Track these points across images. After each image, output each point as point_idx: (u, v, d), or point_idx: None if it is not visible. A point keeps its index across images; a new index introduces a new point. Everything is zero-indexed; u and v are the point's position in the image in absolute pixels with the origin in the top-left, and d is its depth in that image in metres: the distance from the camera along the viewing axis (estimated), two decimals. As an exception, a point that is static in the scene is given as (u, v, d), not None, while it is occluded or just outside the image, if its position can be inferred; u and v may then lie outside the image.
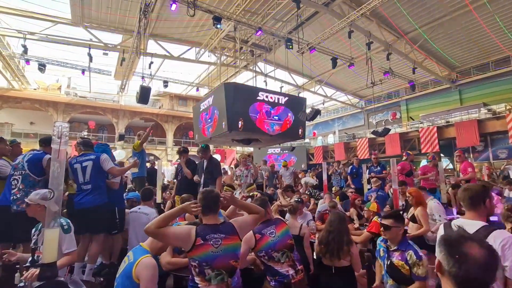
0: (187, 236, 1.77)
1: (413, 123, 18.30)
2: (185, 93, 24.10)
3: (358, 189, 6.85)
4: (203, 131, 10.39)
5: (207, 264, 1.72)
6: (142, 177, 4.82)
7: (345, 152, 19.85)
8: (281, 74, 17.63)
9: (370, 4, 9.62)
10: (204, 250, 1.74)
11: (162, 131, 24.89)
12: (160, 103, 25.68)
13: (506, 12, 11.18)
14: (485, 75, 15.28)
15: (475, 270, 0.84)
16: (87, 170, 3.16)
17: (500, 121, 13.24)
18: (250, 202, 2.51)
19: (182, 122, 25.17)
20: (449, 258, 0.89)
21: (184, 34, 13.54)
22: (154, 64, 13.92)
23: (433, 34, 12.87)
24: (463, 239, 0.91)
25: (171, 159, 22.27)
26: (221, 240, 1.79)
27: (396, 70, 14.73)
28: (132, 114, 23.33)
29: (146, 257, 1.80)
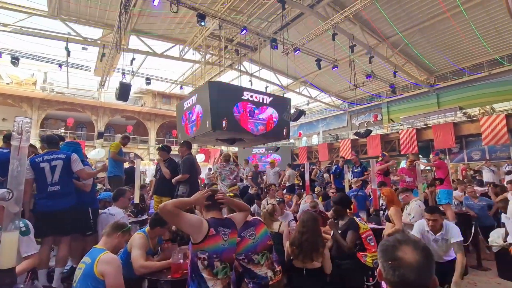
0: (201, 225, 1.75)
1: (394, 125, 18.86)
2: (169, 91, 23.65)
3: (340, 189, 6.93)
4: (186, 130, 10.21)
5: (217, 256, 1.73)
6: (119, 177, 4.62)
7: (329, 152, 20.15)
8: (266, 74, 17.64)
9: (353, 7, 9.80)
10: (215, 241, 1.75)
11: (145, 129, 24.29)
12: (142, 100, 25.03)
13: (480, 20, 11.73)
14: (461, 80, 15.99)
15: (409, 274, 0.81)
16: (56, 170, 2.97)
17: (474, 124, 13.87)
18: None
19: (165, 121, 24.67)
20: (385, 265, 0.86)
21: (167, 31, 13.25)
22: (136, 61, 13.56)
23: (413, 39, 13.31)
24: (398, 243, 0.88)
25: (153, 158, 21.76)
26: (228, 234, 1.84)
27: (378, 73, 15.12)
28: (113, 112, 22.59)
29: (105, 253, 1.79)
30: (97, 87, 20.82)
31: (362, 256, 3.13)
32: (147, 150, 23.09)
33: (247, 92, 9.29)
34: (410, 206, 3.90)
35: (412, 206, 3.85)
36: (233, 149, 22.73)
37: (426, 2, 10.98)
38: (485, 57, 14.61)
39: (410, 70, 15.90)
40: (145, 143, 23.70)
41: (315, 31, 11.41)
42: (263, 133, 9.40)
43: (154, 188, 4.51)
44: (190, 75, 17.79)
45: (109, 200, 3.60)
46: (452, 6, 11.02)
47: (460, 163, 14.69)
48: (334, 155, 19.80)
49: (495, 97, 15.08)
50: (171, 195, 4.20)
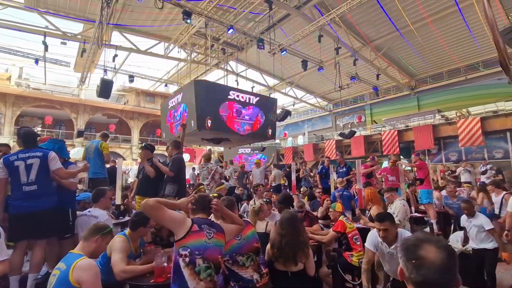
0: (184, 221, 1.78)
1: (376, 127, 19.35)
2: (153, 89, 23.13)
3: (326, 189, 7.00)
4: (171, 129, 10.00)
5: (199, 253, 1.71)
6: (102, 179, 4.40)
7: (314, 153, 20.40)
8: (253, 74, 17.61)
9: (339, 10, 9.95)
10: (199, 238, 1.75)
11: (127, 128, 23.61)
12: (125, 98, 24.34)
13: (459, 27, 12.23)
14: (440, 84, 16.64)
15: (433, 273, 0.81)
16: (32, 169, 2.79)
17: (452, 127, 14.46)
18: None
19: (149, 120, 24.10)
20: (407, 264, 0.86)
21: (152, 28, 12.93)
22: (119, 57, 13.14)
23: (396, 43, 13.70)
24: (420, 242, 0.88)
25: (136, 158, 21.20)
26: (213, 233, 1.83)
27: (361, 75, 15.43)
28: (94, 110, 21.81)
29: (82, 259, 1.68)
30: (77, 83, 20.04)
31: (349, 255, 3.16)
32: (130, 150, 22.46)
33: (233, 91, 9.22)
34: (394, 205, 3.99)
35: (397, 205, 3.96)
36: (219, 149, 22.57)
37: (408, 8, 11.32)
38: (462, 62, 15.26)
39: (392, 73, 16.36)
40: (127, 142, 23.04)
41: (301, 32, 11.50)
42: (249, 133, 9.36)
43: (136, 188, 4.33)
44: (175, 74, 17.47)
45: (88, 201, 3.43)
46: (432, 13, 11.43)
47: (438, 163, 15.27)
48: (319, 156, 20.07)
49: (471, 101, 15.79)
50: (155, 195, 4.07)
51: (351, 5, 9.63)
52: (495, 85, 14.82)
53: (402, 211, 3.86)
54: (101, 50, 12.14)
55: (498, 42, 4.48)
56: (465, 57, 14.80)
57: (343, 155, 18.42)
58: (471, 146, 13.84)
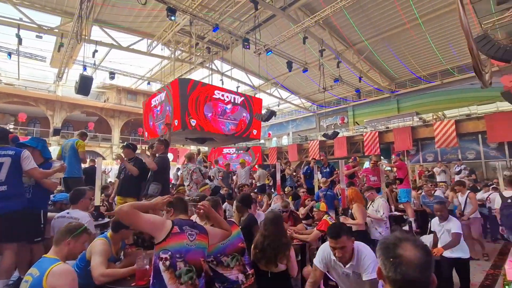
0: (162, 223, 1.72)
1: (359, 128, 19.85)
2: (135, 87, 22.52)
3: (310, 189, 7.09)
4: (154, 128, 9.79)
5: (180, 256, 1.65)
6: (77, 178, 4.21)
7: (298, 153, 20.61)
8: (238, 74, 17.57)
9: (323, 12, 10.12)
10: (180, 240, 1.69)
11: (107, 127, 22.85)
12: (105, 96, 23.52)
13: (437, 33, 12.77)
14: (418, 88, 17.30)
15: (411, 271, 0.82)
16: (2, 168, 2.63)
17: (429, 129, 15.08)
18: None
19: (130, 118, 23.43)
20: (386, 262, 0.87)
21: (134, 24, 12.60)
22: (99, 53, 12.69)
23: (377, 47, 14.11)
24: (398, 240, 0.89)
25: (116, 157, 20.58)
26: (196, 235, 1.77)
27: (344, 77, 15.78)
28: (72, 107, 20.93)
29: (57, 264, 1.57)
30: (54, 79, 19.16)
31: (332, 254, 3.20)
32: (110, 149, 21.73)
33: (218, 91, 9.16)
34: (376, 203, 4.15)
35: (380, 203, 4.13)
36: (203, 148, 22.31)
37: (389, 13, 11.69)
38: (438, 67, 15.95)
39: (373, 76, 16.84)
40: (107, 141, 22.29)
41: (286, 34, 11.59)
42: (234, 133, 9.33)
43: (117, 188, 4.18)
44: (159, 72, 17.11)
45: (66, 202, 3.27)
46: (412, 19, 11.87)
47: (416, 164, 15.88)
48: (303, 156, 20.31)
49: (446, 104, 16.54)
50: (137, 196, 3.95)
51: (334, 9, 9.82)
52: (468, 90, 15.60)
53: (385, 207, 4.05)
54: (80, 45, 11.67)
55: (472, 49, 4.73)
56: (441, 62, 15.47)
57: (327, 155, 18.79)
58: (446, 147, 14.50)
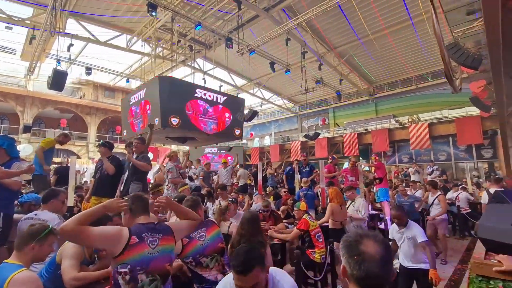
0: (117, 236, 1.50)
1: (339, 129, 20.35)
2: (113, 83, 21.75)
3: (292, 189, 7.17)
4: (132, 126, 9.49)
5: (141, 268, 1.48)
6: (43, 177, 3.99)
7: (280, 153, 20.80)
8: (221, 73, 17.43)
9: (305, 15, 10.27)
10: (140, 250, 1.51)
11: (83, 124, 21.91)
12: (81, 92, 22.52)
13: (413, 39, 13.33)
14: (395, 91, 18.01)
15: (374, 267, 0.84)
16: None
17: (405, 131, 15.76)
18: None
19: (108, 116, 22.60)
20: (350, 260, 0.87)
21: (113, 18, 12.15)
22: (75, 47, 12.13)
23: (357, 51, 14.53)
24: (360, 237, 0.90)
25: (93, 156, 19.76)
26: (158, 240, 1.60)
27: (326, 80, 16.11)
28: (44, 103, 19.85)
29: (21, 271, 1.45)
30: (25, 73, 18.06)
31: (311, 252, 3.26)
32: (86, 147, 20.84)
33: (200, 90, 9.02)
34: (357, 203, 4.33)
35: (360, 203, 4.32)
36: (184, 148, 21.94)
37: (368, 18, 12.07)
38: (414, 72, 16.68)
39: (353, 79, 17.32)
40: (83, 139, 21.36)
41: (269, 34, 11.65)
42: (216, 132, 9.24)
43: (93, 188, 4.02)
44: (138, 68, 16.62)
45: (34, 202, 3.09)
46: (389, 25, 12.33)
47: (392, 164, 16.53)
48: (285, 156, 20.53)
49: (421, 108, 17.35)
50: (113, 195, 3.81)
51: (316, 12, 10.00)
52: (441, 95, 16.44)
53: (365, 207, 4.21)
54: (54, 38, 11.10)
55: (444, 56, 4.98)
56: (416, 68, 16.20)
57: (308, 155, 19.10)
58: (420, 149, 15.21)
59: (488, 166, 13.91)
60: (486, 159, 14.14)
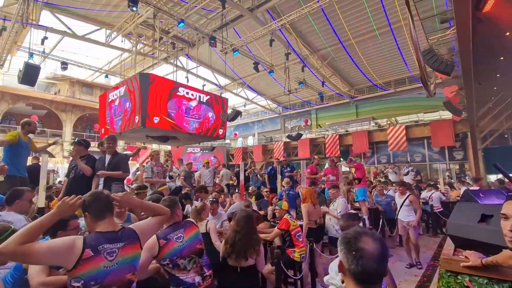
0: (68, 250, 1.35)
1: (321, 130, 20.74)
2: (91, 79, 20.92)
3: (274, 189, 7.20)
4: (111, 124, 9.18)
5: (96, 282, 1.36)
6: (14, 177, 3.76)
7: (263, 154, 20.89)
8: (204, 72, 17.26)
9: (289, 17, 10.38)
10: (95, 265, 1.38)
11: (58, 121, 20.91)
12: (56, 88, 21.50)
13: (392, 44, 13.82)
14: (374, 95, 18.60)
15: (371, 263, 0.88)
16: None
17: (383, 133, 16.32)
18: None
19: (85, 113, 21.70)
20: (348, 256, 0.91)
21: (91, 12, 11.69)
22: (50, 41, 11.57)
23: (339, 54, 14.86)
24: (358, 235, 0.94)
25: (67, 155, 18.89)
26: (118, 250, 1.46)
27: (309, 81, 16.36)
28: (15, 98, 18.74)
29: None
30: (-7, 66, 16.98)
31: (291, 252, 3.29)
32: (61, 146, 19.90)
33: (182, 88, 8.89)
34: (337, 202, 4.42)
35: (339, 202, 4.40)
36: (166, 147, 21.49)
37: (350, 23, 12.38)
38: (392, 76, 17.30)
39: (335, 82, 17.70)
40: (58, 137, 20.39)
41: (253, 35, 11.67)
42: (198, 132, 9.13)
43: (66, 188, 3.82)
44: (118, 65, 16.09)
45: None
46: (370, 30, 12.71)
47: (372, 165, 17.06)
48: (268, 157, 20.65)
49: (399, 111, 18.04)
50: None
51: (299, 14, 10.13)
52: (417, 99, 17.16)
53: (344, 206, 4.34)
54: (26, 30, 10.52)
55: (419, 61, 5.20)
56: (395, 72, 16.81)
57: (291, 156, 19.32)
58: (398, 150, 15.81)
59: (459, 167, 14.68)
60: (458, 160, 14.92)
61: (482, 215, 1.65)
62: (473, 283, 1.46)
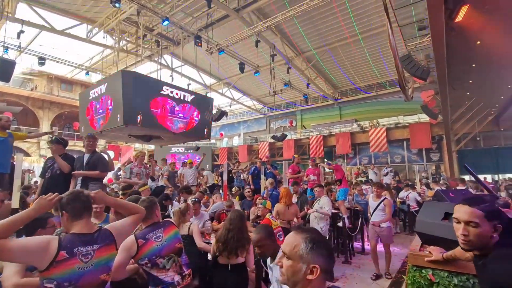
0: (43, 250, 1.34)
1: (305, 131, 21.05)
2: (71, 76, 20.21)
3: (257, 189, 7.26)
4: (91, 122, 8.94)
5: (70, 284, 1.36)
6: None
7: (248, 154, 20.94)
8: (189, 71, 17.08)
9: (275, 18, 10.49)
10: (69, 266, 1.37)
11: (35, 118, 20.05)
12: (33, 84, 20.59)
13: (373, 49, 14.25)
14: (357, 97, 19.11)
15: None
16: None
17: (365, 135, 16.79)
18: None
19: (64, 110, 20.94)
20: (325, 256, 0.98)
21: (72, 6, 11.31)
22: (26, 34, 11.09)
23: (323, 57, 15.16)
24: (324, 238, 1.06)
25: (45, 154, 18.16)
26: (94, 252, 1.46)
27: (294, 83, 16.56)
28: (-13, 94, 17.84)
29: None
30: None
31: (272, 251, 3.35)
32: (37, 144, 19.09)
33: (167, 87, 8.78)
34: (322, 201, 4.60)
35: (324, 201, 4.58)
36: (149, 147, 21.10)
37: (334, 27, 12.66)
38: (374, 80, 17.84)
39: (320, 84, 18.03)
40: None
41: (239, 35, 11.69)
42: (183, 131, 9.04)
43: (42, 188, 3.71)
44: (100, 61, 15.64)
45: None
46: (352, 34, 13.05)
47: (354, 166, 17.50)
48: (253, 157, 20.71)
49: (380, 113, 18.62)
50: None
51: (285, 17, 10.25)
52: (397, 102, 17.78)
53: (329, 204, 4.55)
54: (1, 23, 10.04)
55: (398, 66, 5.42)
56: (376, 76, 17.34)
57: (275, 156, 19.49)
58: (379, 151, 16.31)
59: (435, 168, 15.35)
60: (434, 161, 15.59)
61: (446, 213, 1.77)
62: (435, 277, 1.57)
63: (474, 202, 1.22)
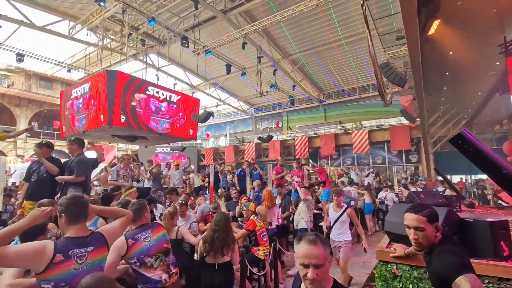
0: (39, 254, 1.43)
1: (291, 132, 21.37)
2: (51, 73, 19.53)
3: (243, 190, 7.38)
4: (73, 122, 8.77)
5: (66, 284, 1.45)
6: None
7: (234, 154, 21.00)
8: (175, 70, 16.97)
9: (262, 22, 10.65)
10: (65, 268, 1.46)
11: (11, 117, 19.24)
12: (9, 80, 19.75)
13: (356, 54, 14.71)
14: (341, 100, 19.62)
15: None
16: None
17: (349, 136, 17.28)
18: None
19: (43, 109, 20.21)
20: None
21: (53, 2, 11.00)
22: (4, 29, 10.70)
23: (309, 60, 15.50)
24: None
25: (22, 154, 17.51)
26: (88, 254, 1.56)
27: (280, 84, 16.81)
28: (-40, 90, 16.95)
29: None
30: None
31: (256, 250, 3.50)
32: (14, 144, 18.33)
33: (152, 87, 8.75)
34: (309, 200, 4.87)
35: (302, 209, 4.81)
36: (133, 147, 20.74)
37: (319, 31, 12.99)
38: (357, 83, 18.40)
39: (305, 86, 18.38)
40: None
41: (226, 37, 11.77)
42: (168, 132, 9.03)
43: (28, 191, 3.66)
44: (82, 59, 15.24)
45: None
46: (337, 39, 13.44)
47: (338, 167, 17.97)
48: (239, 157, 20.80)
49: (363, 116, 19.21)
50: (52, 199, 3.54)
51: (271, 21, 10.43)
52: (379, 105, 18.31)
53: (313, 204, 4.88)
54: (-24, 16, 9.64)
55: (377, 73, 5.71)
56: (359, 79, 17.90)
57: (261, 157, 19.68)
58: (361, 153, 16.84)
59: (414, 170, 16.04)
60: (413, 163, 16.28)
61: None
62: (399, 270, 1.78)
63: (417, 210, 1.42)
